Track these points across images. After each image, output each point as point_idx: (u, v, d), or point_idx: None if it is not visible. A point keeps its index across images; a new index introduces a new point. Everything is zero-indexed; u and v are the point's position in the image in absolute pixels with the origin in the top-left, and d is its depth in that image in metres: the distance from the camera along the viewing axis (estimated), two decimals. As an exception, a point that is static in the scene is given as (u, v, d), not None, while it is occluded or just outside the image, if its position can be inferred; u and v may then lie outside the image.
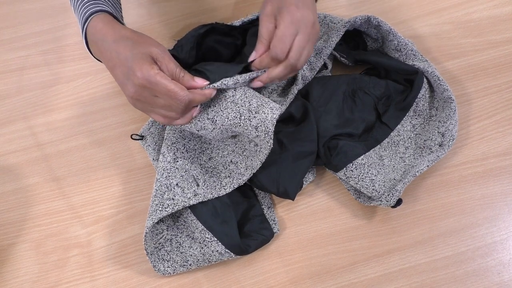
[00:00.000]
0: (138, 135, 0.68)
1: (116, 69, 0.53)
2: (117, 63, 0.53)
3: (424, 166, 0.60)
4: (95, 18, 0.56)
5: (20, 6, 0.84)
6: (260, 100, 0.58)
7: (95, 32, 0.55)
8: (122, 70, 0.52)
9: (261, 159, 0.59)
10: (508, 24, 0.76)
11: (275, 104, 0.58)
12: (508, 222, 0.62)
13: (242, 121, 0.57)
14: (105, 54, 0.54)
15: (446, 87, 0.64)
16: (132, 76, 0.51)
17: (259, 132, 0.57)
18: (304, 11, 0.55)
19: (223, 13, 0.81)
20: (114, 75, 0.55)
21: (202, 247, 0.58)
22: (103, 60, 0.56)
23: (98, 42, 0.55)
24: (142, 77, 0.51)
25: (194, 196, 0.59)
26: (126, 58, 0.52)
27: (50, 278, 0.62)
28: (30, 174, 0.69)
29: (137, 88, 0.52)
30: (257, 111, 0.57)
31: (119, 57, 0.52)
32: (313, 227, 0.63)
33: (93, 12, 0.56)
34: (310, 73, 0.67)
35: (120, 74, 0.53)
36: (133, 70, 0.51)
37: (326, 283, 0.59)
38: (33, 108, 0.74)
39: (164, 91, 0.51)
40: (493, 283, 0.58)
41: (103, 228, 0.64)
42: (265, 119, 0.56)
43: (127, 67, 0.52)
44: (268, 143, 0.58)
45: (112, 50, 0.53)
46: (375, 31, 0.70)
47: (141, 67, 0.51)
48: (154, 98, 0.53)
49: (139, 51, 0.52)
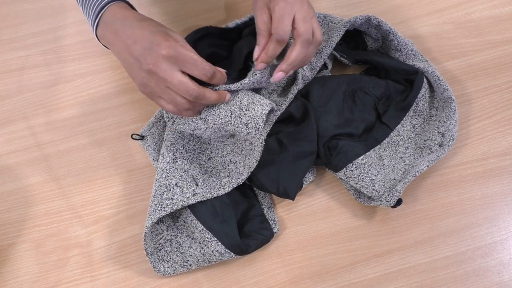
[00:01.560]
0: (139, 135, 0.68)
1: (136, 44, 0.52)
2: (138, 38, 0.52)
3: (424, 166, 0.60)
4: (114, 5, 0.55)
5: (20, 6, 0.84)
6: (251, 98, 0.58)
7: (115, 14, 0.55)
8: (144, 44, 0.52)
9: (256, 157, 0.59)
10: (508, 24, 0.76)
11: (266, 101, 0.58)
12: (508, 222, 0.62)
13: (233, 119, 0.57)
14: (123, 32, 0.53)
15: (446, 87, 0.64)
16: (156, 46, 0.51)
17: (249, 129, 0.57)
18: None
19: (223, 13, 0.81)
20: (130, 51, 0.53)
21: (202, 247, 0.58)
22: (117, 41, 0.54)
23: (117, 22, 0.54)
24: (169, 46, 0.51)
25: (193, 196, 0.59)
26: (151, 32, 0.52)
27: (50, 278, 0.62)
28: (30, 174, 0.69)
29: (160, 59, 0.51)
30: (248, 108, 0.57)
31: (143, 32, 0.52)
32: (313, 227, 0.63)
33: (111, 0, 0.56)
34: (310, 73, 0.67)
35: (140, 49, 0.52)
36: (158, 42, 0.51)
37: (326, 283, 0.59)
38: (33, 108, 0.74)
39: (191, 60, 0.51)
40: (493, 283, 0.58)
41: (103, 228, 0.64)
42: (255, 116, 0.57)
43: (151, 40, 0.51)
44: (259, 140, 0.58)
45: (135, 27, 0.53)
46: (375, 31, 0.70)
47: (168, 39, 0.51)
48: (175, 72, 0.52)
49: (164, 29, 0.53)
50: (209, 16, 0.80)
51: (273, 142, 0.63)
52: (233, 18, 0.80)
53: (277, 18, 0.54)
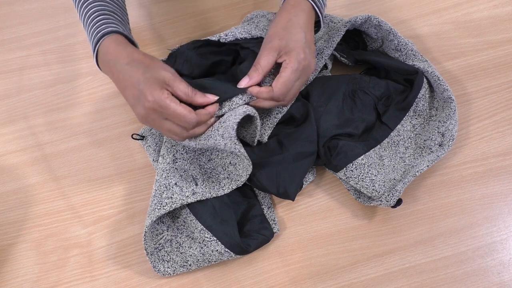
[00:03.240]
0: (139, 135, 0.68)
1: (128, 90, 0.55)
2: (128, 85, 0.55)
3: (424, 166, 0.60)
4: (108, 39, 0.57)
5: (20, 6, 0.84)
6: (231, 112, 0.58)
7: (108, 53, 0.57)
8: (133, 93, 0.55)
9: (248, 163, 0.59)
10: (508, 24, 0.76)
11: (240, 110, 0.57)
12: (508, 222, 0.62)
13: (212, 132, 0.57)
14: (116, 76, 0.56)
15: (446, 87, 0.64)
16: (143, 99, 0.53)
17: (225, 140, 0.56)
18: (310, 59, 0.58)
19: (223, 13, 0.81)
20: (125, 96, 0.57)
21: (202, 247, 0.58)
22: (115, 81, 0.58)
23: (110, 63, 0.57)
24: (153, 100, 0.53)
25: (193, 195, 0.59)
26: (138, 81, 0.54)
27: (50, 278, 0.62)
28: (30, 174, 0.69)
29: (147, 111, 0.54)
30: (225, 120, 0.57)
31: (131, 80, 0.55)
32: (313, 227, 0.63)
33: (106, 33, 0.57)
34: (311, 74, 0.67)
35: (131, 96, 0.55)
36: (144, 94, 0.53)
37: (326, 283, 0.59)
38: (33, 108, 0.74)
39: (173, 114, 0.53)
40: (493, 283, 0.58)
41: (103, 228, 0.64)
42: (228, 126, 0.56)
43: (138, 90, 0.54)
44: (236, 150, 0.57)
45: (124, 72, 0.55)
46: (375, 31, 0.70)
47: (152, 91, 0.53)
48: (163, 121, 0.55)
49: (151, 75, 0.54)
50: (209, 16, 0.80)
51: (274, 142, 0.63)
52: (232, 18, 0.80)
53: (284, 82, 0.57)
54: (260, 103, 0.59)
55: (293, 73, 0.57)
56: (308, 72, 0.59)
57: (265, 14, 0.75)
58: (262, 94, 0.58)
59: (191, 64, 0.66)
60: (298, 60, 0.57)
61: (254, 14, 0.75)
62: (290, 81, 0.57)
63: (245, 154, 0.58)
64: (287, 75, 0.57)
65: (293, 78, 0.57)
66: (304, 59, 0.57)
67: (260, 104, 0.59)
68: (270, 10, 0.76)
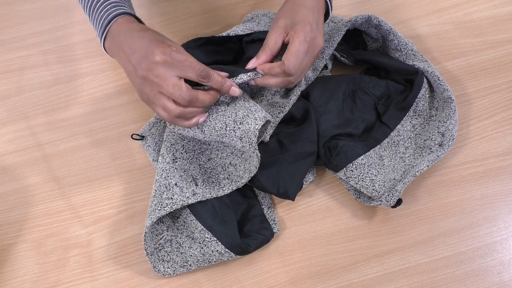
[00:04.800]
0: (139, 135, 0.68)
1: (135, 53, 0.54)
2: (138, 48, 0.54)
3: (424, 166, 0.60)
4: (121, 19, 0.57)
5: (20, 6, 0.84)
6: (247, 111, 0.58)
7: (120, 28, 0.56)
8: (141, 52, 0.53)
9: (256, 165, 0.59)
10: (508, 24, 0.76)
11: (260, 114, 0.58)
12: (508, 222, 0.62)
13: (228, 131, 0.57)
14: (125, 44, 0.55)
15: (446, 87, 0.64)
16: (150, 54, 0.52)
17: (243, 143, 0.57)
18: (317, 34, 0.58)
19: (223, 13, 0.81)
20: (129, 60, 0.55)
21: (202, 247, 0.58)
22: (121, 52, 0.56)
23: (121, 35, 0.56)
24: (163, 52, 0.52)
25: (193, 196, 0.59)
26: (149, 41, 0.54)
27: (50, 278, 0.62)
28: (30, 174, 0.69)
29: (154, 65, 0.52)
30: (242, 121, 0.57)
31: (142, 41, 0.54)
32: (313, 227, 0.63)
33: (120, 13, 0.57)
34: (312, 73, 0.67)
35: (138, 57, 0.54)
36: (153, 49, 0.52)
37: (326, 283, 0.59)
38: (33, 108, 0.74)
39: (185, 63, 0.52)
40: (493, 283, 0.58)
41: (103, 228, 0.64)
42: (248, 130, 0.56)
43: (147, 48, 0.53)
44: (254, 153, 0.58)
45: (136, 37, 0.55)
46: (375, 31, 0.70)
47: (162, 46, 0.53)
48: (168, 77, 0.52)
49: (162, 38, 0.54)
50: (209, 16, 0.80)
51: (274, 142, 0.63)
52: (232, 18, 0.80)
53: (294, 52, 0.56)
54: (269, 80, 0.58)
55: (301, 44, 0.56)
56: (316, 46, 0.58)
57: (266, 13, 0.75)
58: (274, 69, 0.57)
59: None
60: (304, 32, 0.56)
61: (255, 14, 0.75)
62: (300, 51, 0.56)
63: (259, 157, 0.58)
64: (296, 45, 0.56)
65: (302, 49, 0.56)
66: (310, 31, 0.56)
67: (269, 81, 0.58)
68: (270, 10, 0.76)
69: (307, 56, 0.58)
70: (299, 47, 0.56)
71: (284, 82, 0.59)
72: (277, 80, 0.58)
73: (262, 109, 0.59)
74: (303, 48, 0.56)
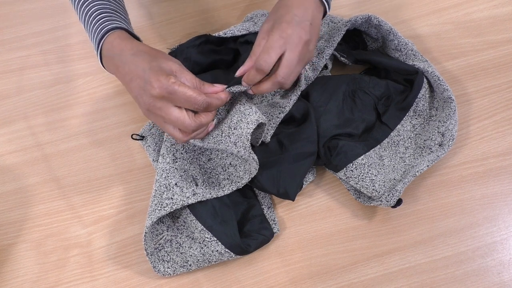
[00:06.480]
0: (139, 135, 0.68)
1: (133, 82, 0.54)
2: (134, 77, 0.54)
3: (424, 166, 0.60)
4: (112, 35, 0.56)
5: (20, 6, 0.84)
6: (241, 115, 0.58)
7: (112, 48, 0.56)
8: (139, 83, 0.53)
9: (255, 167, 0.59)
10: (508, 24, 0.76)
11: (253, 117, 0.57)
12: (508, 222, 0.62)
13: (223, 137, 0.58)
14: (121, 69, 0.55)
15: (446, 87, 0.64)
16: (149, 87, 0.52)
17: (238, 148, 0.57)
18: (296, 28, 0.55)
19: (223, 13, 0.81)
20: (130, 88, 0.55)
21: (202, 247, 0.58)
22: (119, 75, 0.56)
23: (115, 57, 0.55)
24: (160, 86, 0.51)
25: (193, 196, 0.59)
26: (143, 70, 0.53)
27: (50, 278, 0.62)
28: (30, 174, 0.69)
29: (153, 100, 0.52)
30: (236, 127, 0.57)
31: (137, 70, 0.53)
32: (313, 227, 0.63)
33: (110, 29, 0.57)
34: (312, 73, 0.67)
35: (137, 87, 0.54)
36: (150, 82, 0.52)
37: (326, 283, 0.59)
38: (33, 108, 0.74)
39: (183, 97, 0.52)
40: (493, 283, 0.58)
41: (103, 228, 0.64)
42: (241, 135, 0.56)
43: (144, 79, 0.52)
44: (249, 157, 0.58)
45: (129, 63, 0.54)
46: (375, 31, 0.70)
47: (158, 78, 0.51)
48: (170, 109, 0.53)
49: (157, 64, 0.53)
50: (209, 16, 0.80)
51: (274, 143, 0.63)
52: (232, 18, 0.80)
53: (265, 49, 0.55)
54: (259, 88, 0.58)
55: (274, 40, 0.54)
56: (297, 40, 0.55)
57: (265, 13, 0.75)
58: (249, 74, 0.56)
59: (191, 62, 0.66)
60: (279, 29, 0.54)
61: (254, 14, 0.75)
62: (272, 47, 0.54)
63: (257, 160, 0.59)
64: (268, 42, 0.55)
65: (275, 45, 0.54)
66: (286, 27, 0.54)
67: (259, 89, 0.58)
68: (270, 10, 0.76)
69: (290, 53, 0.55)
70: (271, 43, 0.54)
71: (273, 87, 0.58)
72: (266, 87, 0.57)
73: (257, 111, 0.59)
74: (277, 44, 0.54)
